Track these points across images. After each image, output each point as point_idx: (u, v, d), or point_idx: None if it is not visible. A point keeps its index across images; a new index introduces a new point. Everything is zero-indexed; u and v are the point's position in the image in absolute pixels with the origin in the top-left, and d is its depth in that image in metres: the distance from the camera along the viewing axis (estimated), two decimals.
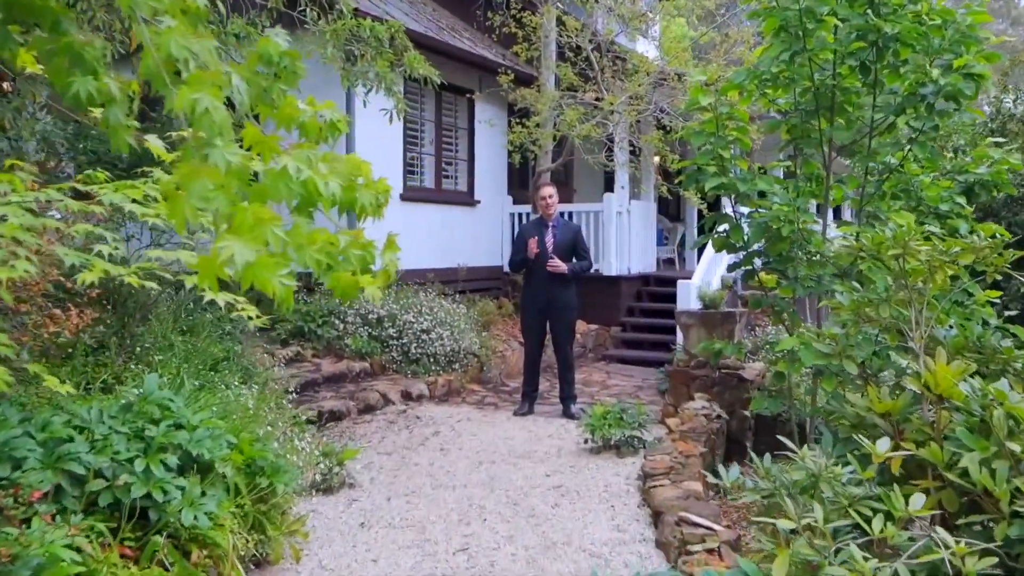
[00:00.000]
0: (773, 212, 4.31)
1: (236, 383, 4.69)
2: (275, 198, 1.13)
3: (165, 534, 2.81)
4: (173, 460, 2.90)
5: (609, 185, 11.21)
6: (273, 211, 1.10)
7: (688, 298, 8.42)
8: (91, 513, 2.71)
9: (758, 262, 4.63)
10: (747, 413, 5.69)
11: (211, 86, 1.06)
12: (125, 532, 2.73)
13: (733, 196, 4.55)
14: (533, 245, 6.37)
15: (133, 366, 4.37)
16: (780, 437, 2.84)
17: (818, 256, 4.33)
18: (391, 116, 5.92)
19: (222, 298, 1.31)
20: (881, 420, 2.86)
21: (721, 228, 4.70)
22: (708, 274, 9.04)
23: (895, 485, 2.44)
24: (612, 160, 9.90)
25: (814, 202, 4.85)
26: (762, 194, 4.63)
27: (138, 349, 4.62)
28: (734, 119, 4.47)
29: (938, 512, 2.45)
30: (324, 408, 6.01)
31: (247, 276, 1.05)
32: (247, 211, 1.06)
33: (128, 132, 1.26)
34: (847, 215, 12.80)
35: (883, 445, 2.27)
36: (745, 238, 4.54)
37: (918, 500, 2.09)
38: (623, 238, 10.29)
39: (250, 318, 2.22)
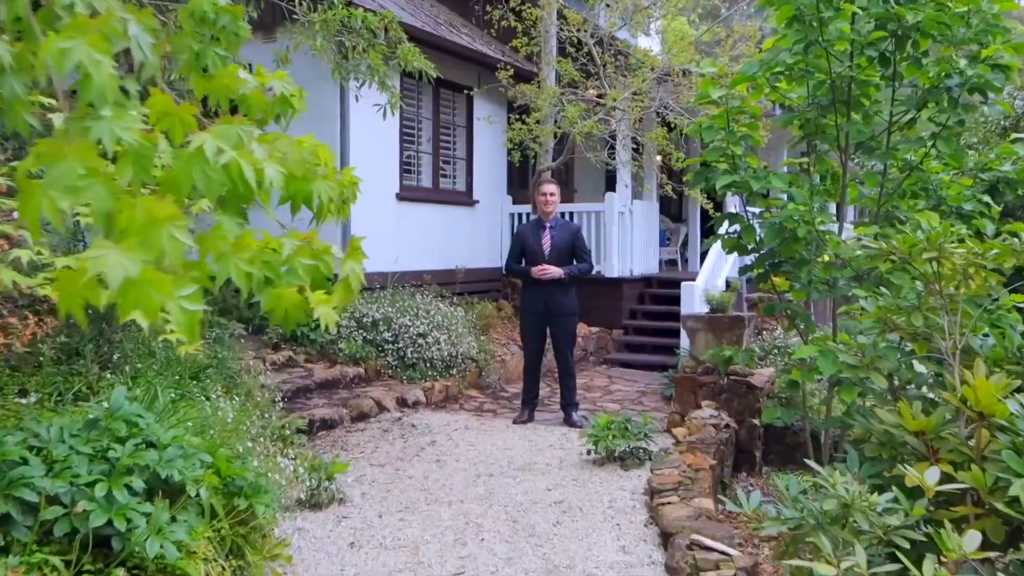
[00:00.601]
0: (788, 212, 4.06)
1: (219, 392, 4.44)
2: (187, 189, 0.87)
3: (129, 565, 2.56)
4: (139, 483, 2.64)
5: (611, 184, 10.95)
6: (178, 208, 0.82)
7: (692, 301, 8.17)
8: (45, 543, 2.45)
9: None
10: (756, 422, 5.44)
11: (94, 35, 0.79)
12: (84, 564, 2.48)
13: (744, 196, 4.31)
14: (537, 272, 6.18)
15: (109, 375, 4.11)
16: (807, 461, 2.59)
17: (831, 258, 4.08)
18: (385, 111, 5.67)
19: (143, 318, 1.05)
20: (913, 439, 2.62)
21: (731, 229, 4.46)
22: (713, 276, 8.79)
23: (939, 513, 2.20)
24: (614, 158, 9.64)
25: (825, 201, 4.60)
26: (766, 193, 4.39)
27: (115, 356, 4.36)
28: (745, 113, 4.23)
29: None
30: (316, 416, 5.77)
31: (128, 298, 0.78)
32: (137, 207, 0.79)
33: (28, 109, 1.01)
34: (851, 215, 12.53)
35: (932, 476, 2.02)
36: (758, 239, 4.30)
37: (973, 539, 1.84)
38: (625, 239, 10.04)
39: (179, 343, 1.95)
